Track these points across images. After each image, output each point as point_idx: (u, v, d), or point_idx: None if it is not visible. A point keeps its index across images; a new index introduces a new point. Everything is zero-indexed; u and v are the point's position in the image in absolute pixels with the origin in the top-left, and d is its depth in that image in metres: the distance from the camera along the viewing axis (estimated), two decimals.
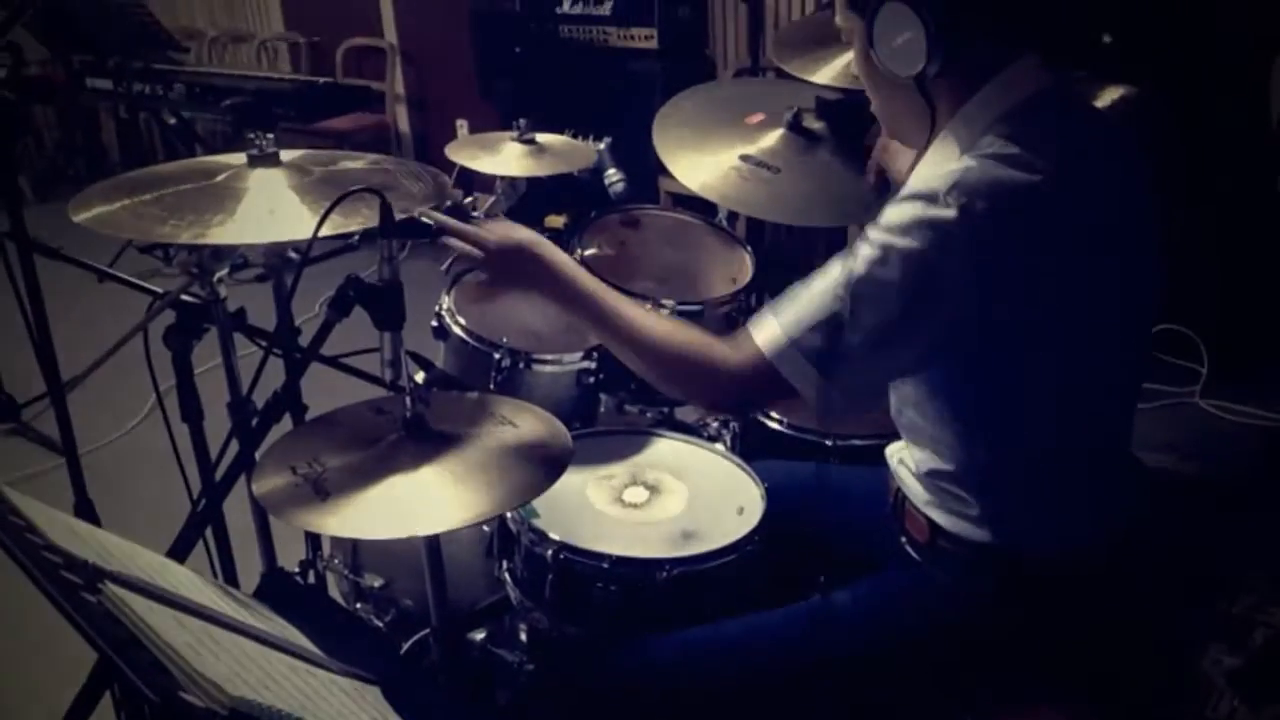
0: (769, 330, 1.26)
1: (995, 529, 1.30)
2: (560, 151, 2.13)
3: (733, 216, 2.22)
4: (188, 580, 1.11)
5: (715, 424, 2.06)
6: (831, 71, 2.15)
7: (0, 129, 1.57)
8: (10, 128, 1.62)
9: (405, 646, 1.81)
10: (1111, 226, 1.24)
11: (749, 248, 2.14)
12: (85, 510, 1.99)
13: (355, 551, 1.96)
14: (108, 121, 6.04)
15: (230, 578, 1.83)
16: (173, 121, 4.51)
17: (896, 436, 1.53)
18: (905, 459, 1.42)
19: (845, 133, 1.97)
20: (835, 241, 3.83)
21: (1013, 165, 1.16)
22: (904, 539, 1.42)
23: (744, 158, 1.92)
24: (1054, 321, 1.21)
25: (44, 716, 0.94)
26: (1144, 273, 1.29)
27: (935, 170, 1.22)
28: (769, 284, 2.20)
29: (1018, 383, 1.24)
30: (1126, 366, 1.35)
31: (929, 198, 1.16)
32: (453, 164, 2.08)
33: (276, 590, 1.29)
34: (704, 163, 1.93)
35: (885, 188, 1.80)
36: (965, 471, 1.31)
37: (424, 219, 1.39)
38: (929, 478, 1.36)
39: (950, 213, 1.14)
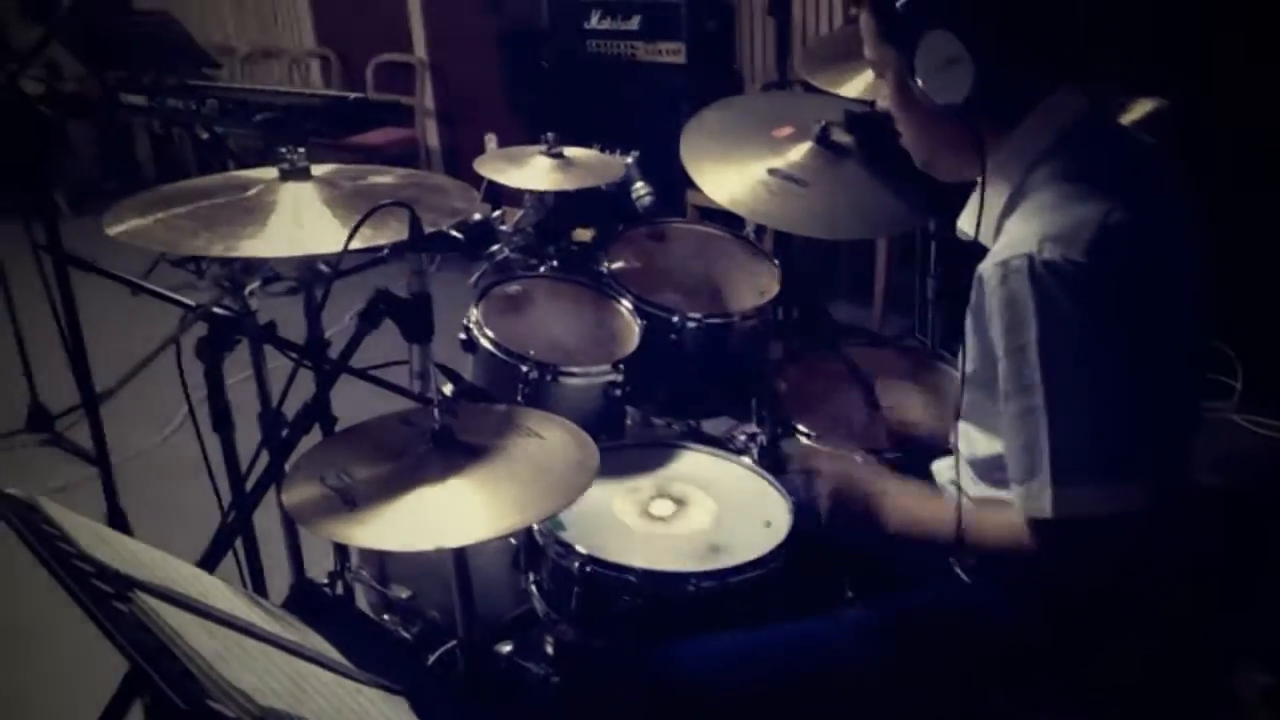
0: (1015, 496, 1.21)
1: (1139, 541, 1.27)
2: (588, 165, 2.14)
3: (760, 230, 2.22)
4: (218, 590, 1.12)
5: (743, 437, 2.05)
6: (860, 84, 2.15)
7: (36, 143, 1.59)
8: (45, 142, 1.64)
9: (432, 658, 1.81)
10: (1173, 244, 1.22)
11: (776, 261, 2.14)
12: (118, 520, 2.01)
13: (383, 563, 1.96)
14: (142, 137, 6.12)
15: (259, 588, 1.84)
16: (206, 136, 4.56)
17: (925, 448, 1.52)
18: (958, 480, 1.39)
19: (873, 146, 1.96)
20: (863, 255, 3.82)
21: (1084, 200, 1.15)
22: (952, 559, 1.40)
23: (772, 171, 1.92)
24: (1151, 351, 1.19)
25: None
26: (1199, 292, 1.27)
27: (983, 223, 1.23)
28: (796, 297, 2.20)
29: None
30: (1194, 388, 1.33)
31: (1019, 269, 1.13)
32: (481, 178, 2.09)
33: (305, 601, 1.29)
34: (731, 176, 1.93)
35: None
36: None
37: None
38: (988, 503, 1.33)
39: (1049, 272, 1.12)
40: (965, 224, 1.34)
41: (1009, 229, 1.23)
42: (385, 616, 1.96)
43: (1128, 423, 1.17)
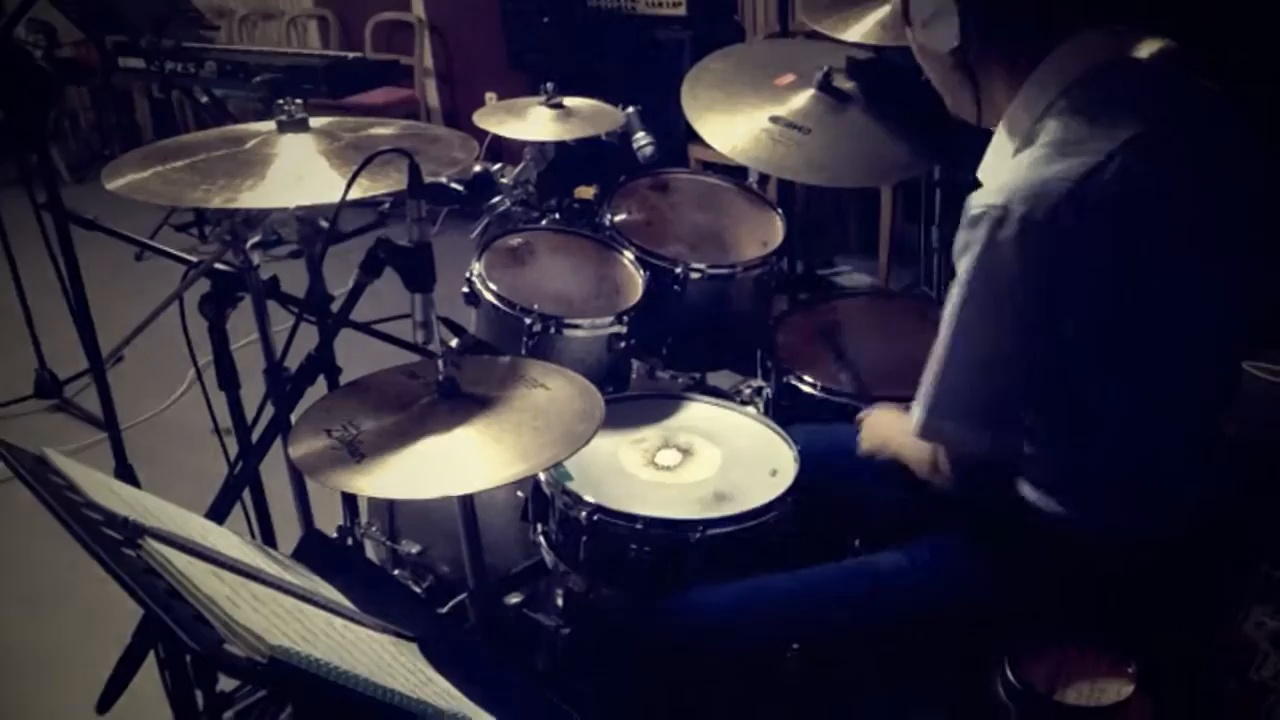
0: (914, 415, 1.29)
1: (1066, 511, 1.29)
2: (588, 115, 2.12)
3: (763, 179, 2.20)
4: (227, 539, 1.13)
5: (748, 390, 2.06)
6: (862, 30, 2.12)
7: (34, 96, 1.58)
8: (44, 94, 1.63)
9: (442, 612, 1.82)
10: (1199, 194, 1.20)
11: (780, 210, 2.12)
12: (127, 482, 2.01)
13: (392, 518, 1.97)
14: (141, 101, 6.08)
15: (269, 542, 1.85)
16: (205, 100, 4.53)
17: None
18: None
19: (876, 92, 1.94)
20: (867, 203, 3.79)
21: (1068, 155, 1.13)
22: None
23: (774, 119, 1.90)
24: (1148, 314, 1.18)
25: (90, 685, 0.96)
26: (1241, 244, 1.25)
27: (991, 171, 1.23)
28: (800, 247, 2.19)
29: (1105, 380, 1.22)
30: (1223, 351, 1.32)
31: (985, 217, 1.14)
32: (482, 135, 2.08)
33: (315, 551, 1.30)
34: (734, 125, 1.91)
35: None
36: (1042, 459, 1.29)
37: None
38: None
39: (1009, 231, 1.12)
40: (982, 172, 1.33)
41: (998, 174, 1.22)
42: (395, 572, 1.97)
43: (1015, 382, 1.23)
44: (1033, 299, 1.16)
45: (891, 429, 1.45)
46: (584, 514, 1.49)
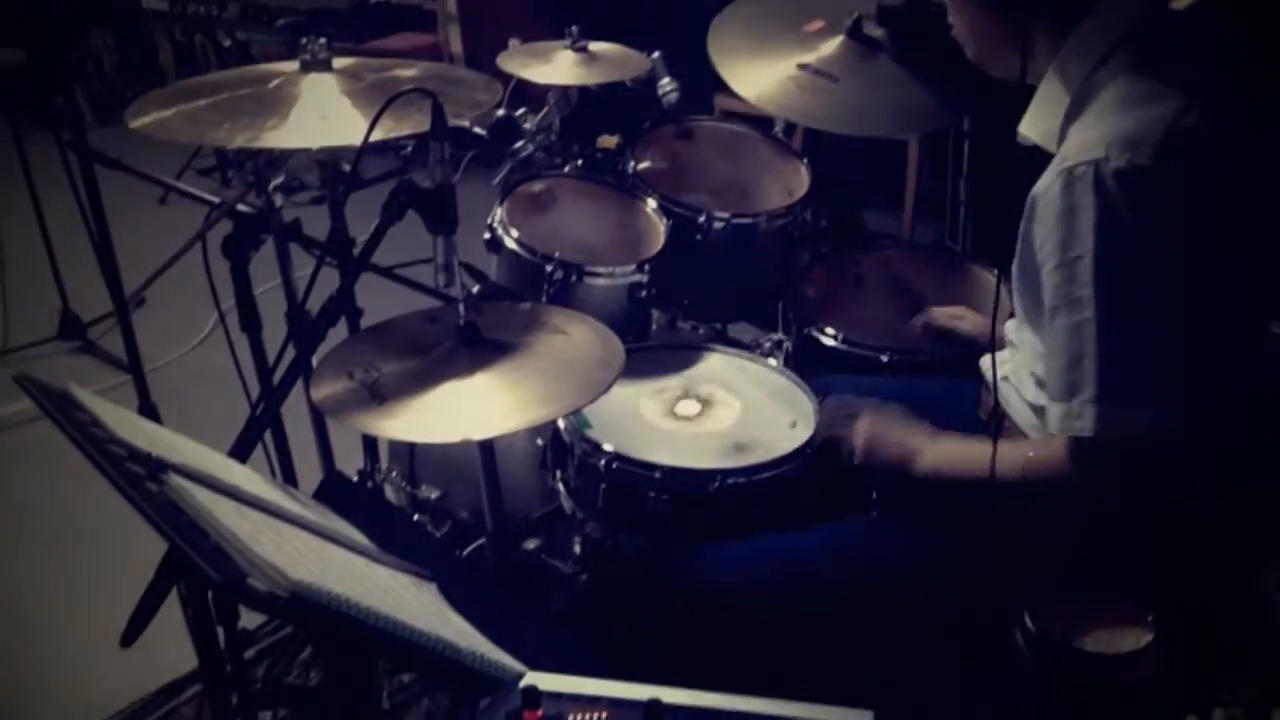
0: (1052, 413, 1.18)
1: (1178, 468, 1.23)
2: (613, 59, 2.09)
3: (789, 128, 2.17)
4: (249, 478, 1.14)
5: (768, 344, 2.04)
6: None
7: (57, 36, 1.57)
8: (68, 34, 1.62)
9: (461, 555, 1.84)
10: (1254, 146, 1.18)
11: (805, 159, 2.09)
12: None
13: (412, 463, 1.98)
14: (164, 45, 6.05)
15: (289, 483, 1.86)
16: (228, 44, 4.52)
17: (958, 351, 1.48)
18: (1013, 380, 1.36)
19: (907, 40, 1.90)
20: (894, 160, 3.74)
21: (1152, 101, 1.10)
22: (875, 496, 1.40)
23: (802, 66, 1.87)
24: (1212, 265, 1.15)
25: (111, 626, 0.98)
26: None
27: (1040, 128, 1.18)
28: (826, 197, 2.16)
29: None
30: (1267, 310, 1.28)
31: (1083, 176, 1.09)
32: (507, 80, 2.05)
33: (336, 492, 1.31)
34: (761, 72, 1.88)
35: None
36: None
37: None
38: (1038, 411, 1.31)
39: (1113, 184, 1.08)
40: (1027, 128, 1.29)
41: (1074, 134, 1.18)
42: (415, 517, 1.99)
43: (1179, 344, 1.13)
44: (1158, 247, 1.11)
45: (953, 451, 1.34)
46: (603, 462, 1.49)
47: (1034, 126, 1.27)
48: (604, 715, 0.83)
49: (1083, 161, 1.10)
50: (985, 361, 1.43)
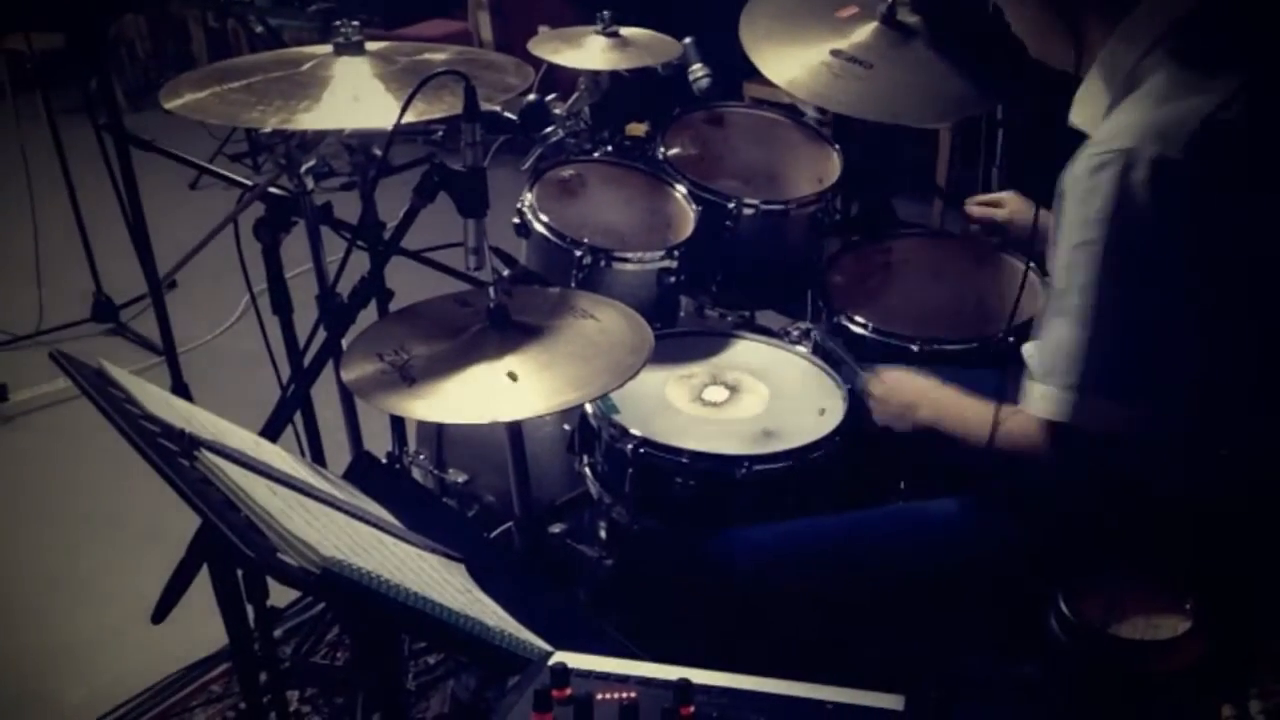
0: (1033, 392, 1.19)
1: (1133, 467, 1.23)
2: (644, 44, 2.08)
3: (821, 114, 2.15)
4: (280, 456, 1.15)
5: (796, 332, 2.03)
6: None
7: (93, 17, 1.58)
8: (103, 15, 1.63)
9: (489, 537, 1.84)
10: None
11: (837, 146, 2.08)
12: None
13: (440, 447, 1.99)
14: (197, 31, 6.10)
15: (319, 463, 1.88)
16: (260, 29, 4.54)
17: (986, 342, 1.47)
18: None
19: (941, 26, 1.88)
20: (925, 148, 3.71)
21: (1191, 93, 1.08)
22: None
23: (835, 53, 1.85)
24: (1260, 258, 1.13)
25: (141, 604, 0.99)
26: None
27: (1089, 117, 1.16)
28: (856, 184, 2.15)
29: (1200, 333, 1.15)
30: None
31: (1110, 164, 1.08)
32: (539, 63, 2.05)
33: (365, 473, 1.32)
34: (793, 58, 1.86)
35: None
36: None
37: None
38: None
39: (1141, 174, 1.07)
40: (1076, 116, 1.27)
41: (1113, 119, 1.17)
42: (443, 500, 2.00)
43: (1173, 345, 1.13)
44: (1172, 246, 1.10)
45: (949, 401, 1.37)
46: (630, 447, 1.49)
47: (1081, 114, 1.26)
48: (633, 695, 0.83)
49: (1113, 149, 1.09)
50: (1028, 348, 1.42)
